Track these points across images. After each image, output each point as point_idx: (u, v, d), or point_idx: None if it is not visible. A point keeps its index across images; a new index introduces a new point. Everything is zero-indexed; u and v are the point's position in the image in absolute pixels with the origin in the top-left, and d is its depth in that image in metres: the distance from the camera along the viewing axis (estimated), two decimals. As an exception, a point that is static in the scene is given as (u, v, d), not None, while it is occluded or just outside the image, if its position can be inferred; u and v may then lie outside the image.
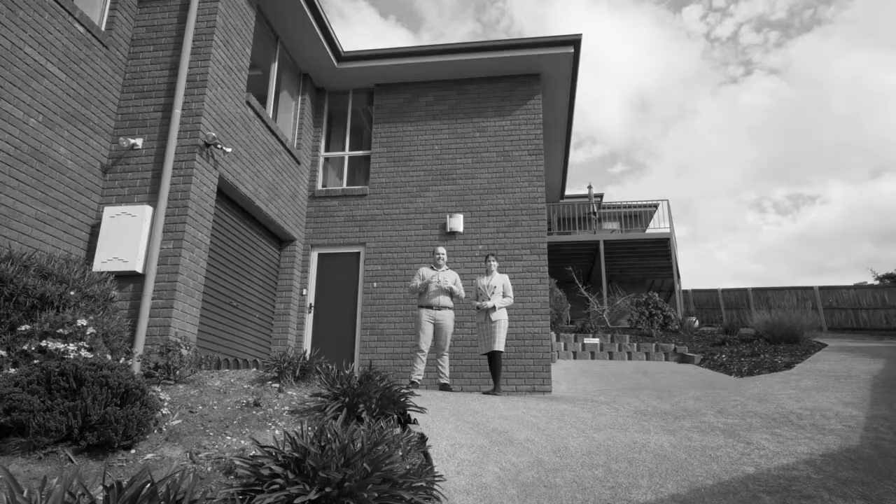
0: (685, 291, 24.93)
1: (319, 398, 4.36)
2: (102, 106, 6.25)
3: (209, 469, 3.27)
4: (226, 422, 4.06)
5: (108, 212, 5.95)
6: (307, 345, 8.60)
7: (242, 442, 3.73)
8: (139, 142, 6.27)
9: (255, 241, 7.94)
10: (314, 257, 9.03)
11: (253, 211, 7.68)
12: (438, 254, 7.29)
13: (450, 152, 9.13)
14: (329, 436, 2.91)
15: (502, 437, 4.46)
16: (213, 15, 6.68)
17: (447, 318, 7.06)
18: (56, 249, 5.53)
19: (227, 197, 7.21)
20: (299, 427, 4.07)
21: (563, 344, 13.10)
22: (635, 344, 13.11)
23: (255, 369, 5.49)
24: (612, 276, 20.75)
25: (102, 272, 5.38)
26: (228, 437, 3.78)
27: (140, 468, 3.22)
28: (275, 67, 8.49)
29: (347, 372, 4.62)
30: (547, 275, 8.33)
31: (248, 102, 7.34)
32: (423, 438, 3.99)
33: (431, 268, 7.29)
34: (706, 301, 25.22)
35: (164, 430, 3.69)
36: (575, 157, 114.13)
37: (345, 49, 9.17)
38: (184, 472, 2.53)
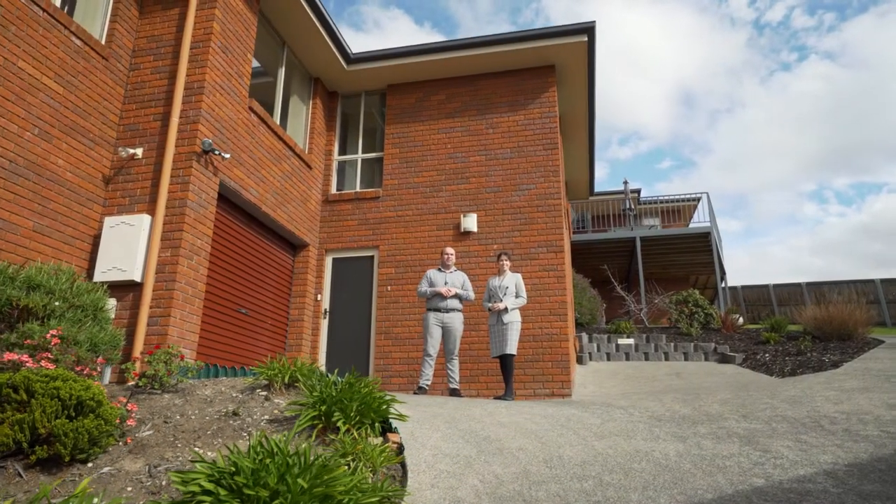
0: (734, 288, 23.91)
1: (297, 406, 4.19)
2: (103, 117, 6.30)
3: (164, 483, 3.14)
4: (199, 432, 3.93)
5: (108, 222, 5.98)
6: (323, 351, 8.50)
7: (210, 453, 3.60)
8: (139, 151, 6.29)
9: (265, 247, 7.89)
10: (329, 262, 8.93)
11: (260, 217, 7.63)
12: (447, 254, 7.06)
13: (462, 150, 8.89)
14: (270, 448, 2.72)
15: (493, 445, 4.19)
16: (210, 21, 6.65)
17: (456, 320, 6.81)
18: (56, 261, 5.56)
19: (232, 203, 7.17)
20: (275, 436, 3.91)
21: (595, 345, 12.62)
22: (672, 344, 12.52)
23: (251, 377, 5.39)
24: (651, 273, 20.01)
25: (97, 282, 5.38)
26: (197, 449, 3.65)
27: (93, 482, 3.12)
28: (282, 72, 8.45)
29: (329, 378, 4.43)
30: (564, 274, 7.98)
31: (250, 108, 7.30)
32: (400, 449, 3.76)
33: (439, 269, 7.06)
34: (757, 298, 24.11)
35: (131, 441, 3.59)
36: (620, 153, 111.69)
37: (354, 51, 9.07)
38: (83, 493, 2.37)
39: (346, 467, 2.76)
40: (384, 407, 4.11)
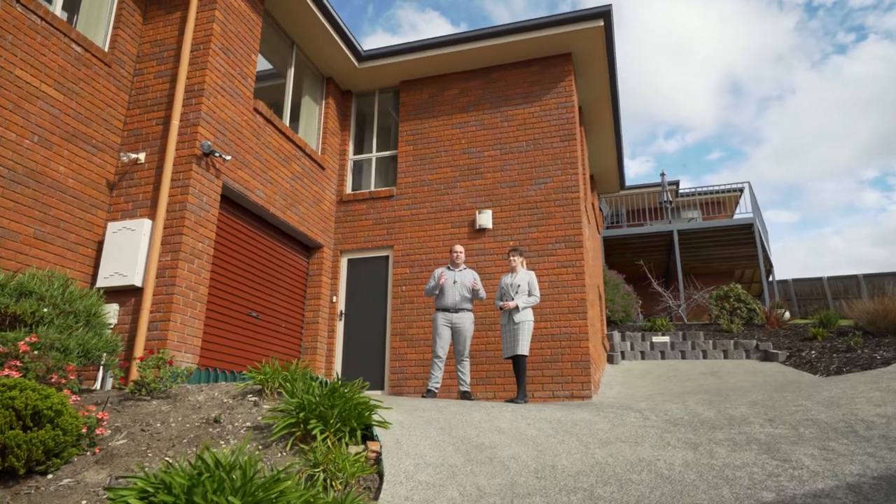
0: (784, 281, 22.84)
1: (278, 413, 4.03)
2: (106, 123, 6.31)
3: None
4: (175, 441, 3.80)
5: (111, 227, 5.98)
6: (339, 353, 8.38)
7: (178, 464, 3.46)
8: (141, 156, 6.28)
9: (277, 249, 7.81)
10: (344, 263, 8.81)
11: (269, 218, 7.55)
12: (456, 252, 6.83)
13: (477, 145, 8.63)
14: (213, 461, 2.54)
15: (484, 454, 3.92)
16: (211, 23, 6.60)
17: (465, 321, 6.57)
18: (59, 268, 5.58)
19: (239, 206, 7.11)
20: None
21: (629, 343, 12.15)
22: (711, 341, 11.92)
23: (244, 382, 5.27)
24: (692, 268, 19.24)
25: (94, 287, 5.36)
26: (167, 459, 3.53)
27: (48, 495, 3.02)
28: (291, 73, 8.36)
29: (314, 383, 4.26)
30: (583, 270, 7.61)
31: (256, 109, 7.22)
32: (378, 458, 3.54)
33: (449, 268, 6.83)
34: (810, 291, 22.95)
35: (99, 451, 3.48)
36: (667, 146, 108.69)
37: (365, 48, 8.92)
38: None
39: (293, 481, 2.55)
40: (366, 413, 3.90)
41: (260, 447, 3.73)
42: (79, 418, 3.25)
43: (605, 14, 7.98)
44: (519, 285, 6.52)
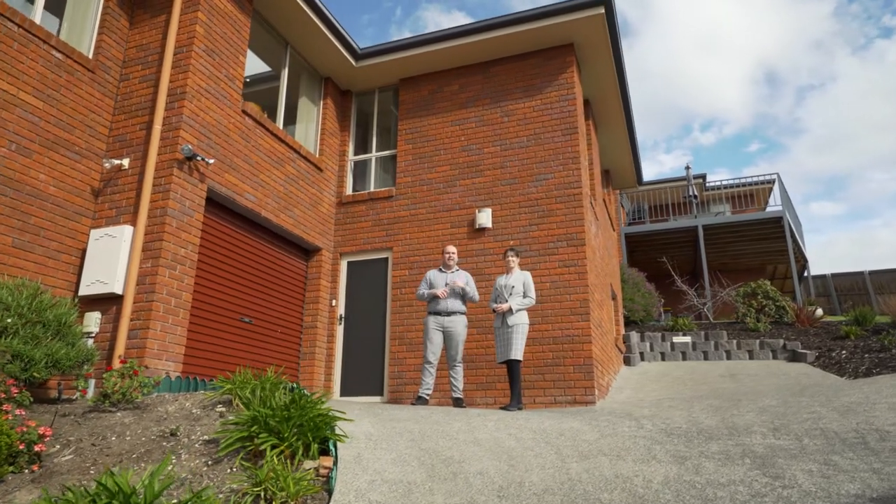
0: (822, 276, 21.88)
1: (229, 426, 3.84)
2: (90, 129, 6.26)
3: (43, 518, 2.86)
4: (123, 456, 3.65)
5: (94, 234, 5.91)
6: (338, 358, 8.21)
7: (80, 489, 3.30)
8: (125, 162, 6.20)
9: (272, 253, 7.68)
10: (344, 266, 8.63)
11: (262, 222, 7.41)
12: (448, 253, 6.58)
13: (476, 142, 8.35)
14: (117, 487, 2.35)
15: (450, 468, 3.66)
16: (194, 25, 6.49)
17: (458, 324, 6.31)
18: (40, 276, 5.53)
19: (228, 209, 6.99)
20: (197, 461, 3.58)
21: (648, 344, 11.68)
22: (735, 341, 11.37)
23: (212, 392, 5.11)
24: (722, 264, 18.53)
25: (69, 296, 5.29)
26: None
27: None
28: (285, 73, 8.23)
29: (276, 394, 4.06)
30: (586, 269, 7.27)
31: (244, 111, 7.10)
32: (329, 476, 3.32)
33: (440, 270, 6.59)
34: (850, 286, 21.95)
35: (37, 469, 3.35)
36: (703, 139, 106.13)
37: (362, 46, 8.74)
38: None
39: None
40: (323, 426, 3.68)
41: (209, 463, 3.55)
42: (12, 435, 3.12)
43: (605, 1, 7.62)
44: (513, 286, 6.23)
